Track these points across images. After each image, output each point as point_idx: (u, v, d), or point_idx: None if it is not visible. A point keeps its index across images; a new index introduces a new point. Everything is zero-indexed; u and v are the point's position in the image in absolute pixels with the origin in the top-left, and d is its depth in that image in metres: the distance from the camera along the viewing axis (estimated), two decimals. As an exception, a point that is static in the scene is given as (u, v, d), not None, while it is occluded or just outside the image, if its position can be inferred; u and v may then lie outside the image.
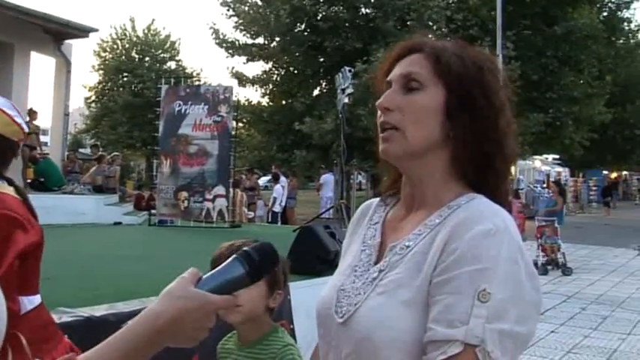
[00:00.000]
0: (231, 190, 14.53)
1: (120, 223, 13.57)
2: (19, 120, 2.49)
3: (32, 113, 16.20)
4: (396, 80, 1.35)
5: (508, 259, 1.15)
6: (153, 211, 14.05)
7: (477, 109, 1.29)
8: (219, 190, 14.21)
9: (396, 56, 1.39)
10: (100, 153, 18.37)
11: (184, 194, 14.11)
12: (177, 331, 1.08)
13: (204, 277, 1.14)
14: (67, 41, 17.19)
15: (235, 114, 14.71)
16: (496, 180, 1.33)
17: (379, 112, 1.36)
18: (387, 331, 1.20)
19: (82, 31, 17.34)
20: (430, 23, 22.19)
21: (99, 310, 4.54)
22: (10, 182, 2.56)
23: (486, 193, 1.31)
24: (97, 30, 17.80)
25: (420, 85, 1.32)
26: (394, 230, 1.39)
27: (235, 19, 24.61)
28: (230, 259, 1.16)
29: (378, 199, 1.55)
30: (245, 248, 1.18)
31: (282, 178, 19.45)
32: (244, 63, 25.60)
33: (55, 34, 16.43)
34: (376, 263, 1.35)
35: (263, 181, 20.77)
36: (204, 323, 1.11)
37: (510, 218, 1.25)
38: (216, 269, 1.15)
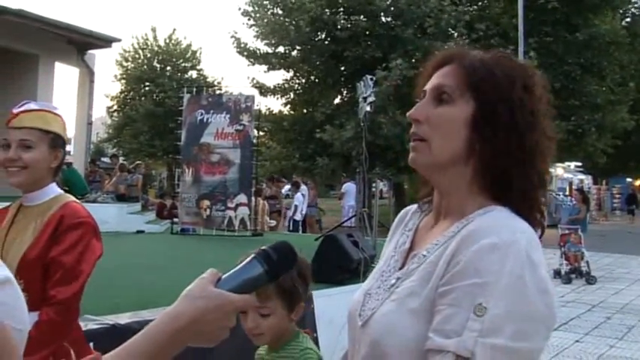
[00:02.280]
0: (252, 198, 14.60)
1: (142, 231, 13.67)
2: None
3: (58, 123, 16.34)
4: (429, 91, 1.36)
5: (511, 273, 1.14)
6: (175, 220, 14.13)
7: (500, 124, 1.28)
8: (241, 198, 14.26)
9: (434, 65, 1.41)
10: (120, 162, 18.51)
11: (206, 203, 14.19)
12: (197, 331, 1.09)
13: (224, 276, 1.15)
14: (91, 51, 17.40)
15: (257, 123, 14.78)
16: (520, 194, 1.31)
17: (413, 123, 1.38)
18: (395, 338, 1.24)
19: (105, 41, 17.54)
20: (450, 30, 22.16)
21: (123, 318, 4.59)
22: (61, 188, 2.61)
23: (511, 206, 1.30)
24: (119, 40, 17.99)
25: (449, 97, 1.32)
26: (422, 238, 1.42)
27: (256, 28, 24.73)
28: (248, 258, 1.17)
29: (416, 205, 1.57)
30: (263, 247, 1.18)
31: (303, 187, 19.47)
32: (265, 72, 25.75)
33: (79, 44, 16.64)
34: (400, 269, 1.38)
35: (285, 190, 20.77)
36: (225, 323, 1.12)
37: (528, 232, 1.23)
38: (235, 269, 1.16)
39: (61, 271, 2.38)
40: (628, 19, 31.08)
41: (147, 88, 36.20)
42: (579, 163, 34.18)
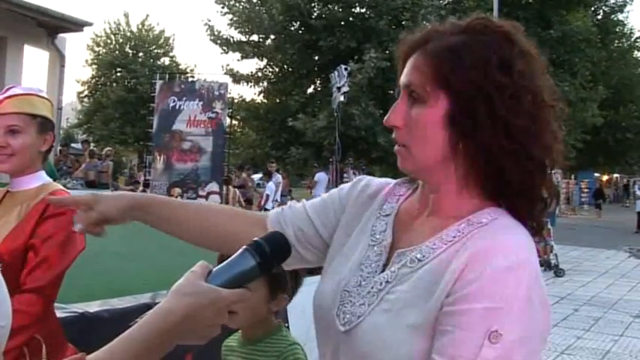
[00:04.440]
0: (224, 187, 14.52)
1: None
2: None
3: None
4: (402, 89, 1.25)
5: (525, 297, 1.08)
6: (146, 207, 13.95)
7: (480, 117, 1.16)
8: (213, 186, 14.21)
9: (402, 56, 1.28)
10: (90, 148, 18.29)
11: (178, 190, 14.11)
12: (188, 329, 1.05)
13: (215, 270, 1.10)
14: (61, 35, 17.10)
15: (230, 110, 14.69)
16: (518, 189, 1.20)
17: None
18: (390, 354, 1.15)
19: (77, 25, 17.26)
20: (425, 23, 22.20)
21: (93, 306, 4.50)
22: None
23: (509, 203, 1.22)
24: (91, 24, 17.74)
25: (419, 96, 1.20)
26: (406, 230, 1.30)
27: (230, 16, 24.56)
28: (240, 250, 1.12)
29: (389, 184, 1.44)
30: (255, 238, 1.13)
31: (277, 176, 19.24)
32: (239, 60, 25.62)
33: (49, 27, 16.35)
34: (384, 266, 1.26)
35: (255, 178, 20.66)
36: (217, 320, 1.07)
37: (530, 241, 1.17)
38: (226, 262, 1.11)
39: (37, 259, 2.31)
40: (599, 17, 31.41)
41: (118, 74, 35.76)
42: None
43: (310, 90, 25.91)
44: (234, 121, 22.44)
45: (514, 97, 1.16)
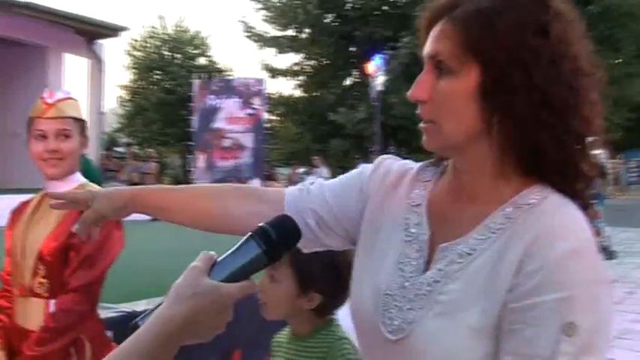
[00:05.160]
0: (266, 182, 14.57)
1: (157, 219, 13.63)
2: None
3: (68, 114, 16.38)
4: (426, 60, 1.13)
5: (594, 281, 1.00)
6: (190, 207, 14.09)
7: (515, 87, 1.05)
8: (255, 182, 14.25)
9: (426, 24, 1.15)
10: (133, 151, 18.53)
11: (220, 188, 14.15)
12: (190, 332, 0.98)
13: (218, 260, 1.00)
14: (99, 41, 17.34)
15: (268, 106, 14.72)
16: (559, 169, 1.10)
17: None
18: None
19: (113, 31, 17.49)
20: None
21: (140, 306, 4.55)
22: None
23: (550, 182, 1.10)
24: (127, 29, 17.94)
25: (448, 67, 1.09)
26: (443, 221, 1.17)
27: (264, 12, 24.61)
28: (244, 237, 1.03)
29: (414, 165, 1.32)
30: (261, 224, 1.02)
31: (323, 169, 18.80)
32: (275, 55, 25.68)
33: (87, 34, 16.58)
34: (427, 264, 1.14)
35: (300, 172, 20.64)
36: (220, 319, 0.99)
37: (584, 219, 1.07)
38: (230, 251, 1.02)
39: (79, 258, 2.33)
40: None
41: (157, 77, 36.15)
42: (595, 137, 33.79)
43: (347, 82, 25.84)
44: (273, 117, 22.51)
45: (552, 63, 1.06)
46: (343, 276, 2.01)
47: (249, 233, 1.01)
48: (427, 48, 1.13)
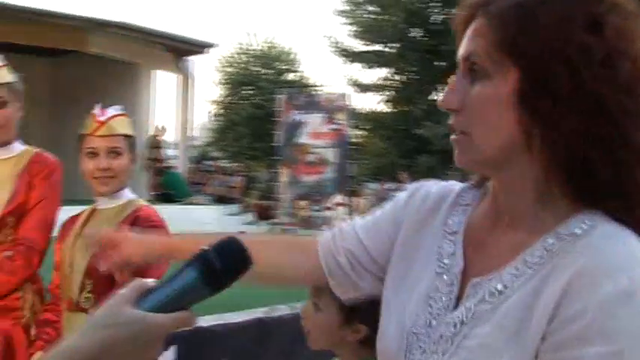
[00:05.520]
0: (350, 198, 14.52)
1: (244, 232, 13.79)
2: None
3: (160, 130, 16.88)
4: (459, 63, 0.99)
5: None
6: (274, 221, 14.23)
7: (561, 92, 0.89)
8: (338, 198, 14.21)
9: (461, 21, 1.02)
10: (220, 164, 18.85)
11: (304, 203, 14.23)
12: None
13: (152, 288, 0.88)
14: (188, 57, 17.79)
15: (353, 121, 14.68)
16: (615, 192, 0.92)
17: None
18: None
19: (202, 47, 17.89)
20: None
21: (208, 321, 4.55)
22: None
23: (602, 206, 0.93)
24: (215, 45, 18.30)
25: (482, 69, 0.95)
26: (480, 250, 1.03)
27: (351, 27, 24.75)
28: (184, 263, 0.90)
29: (456, 187, 1.16)
30: (203, 247, 0.88)
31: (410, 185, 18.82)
32: (360, 70, 25.75)
33: (177, 51, 17.04)
34: (458, 300, 1.01)
35: (387, 187, 20.53)
36: (147, 352, 0.85)
37: None
38: (166, 277, 0.89)
39: (128, 274, 2.32)
40: None
41: (247, 92, 36.82)
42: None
43: (434, 96, 25.64)
44: (359, 132, 22.50)
45: (606, 63, 0.88)
46: None
47: (189, 258, 0.88)
48: (461, 50, 0.99)
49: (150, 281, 0.88)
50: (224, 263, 0.87)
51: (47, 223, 2.62)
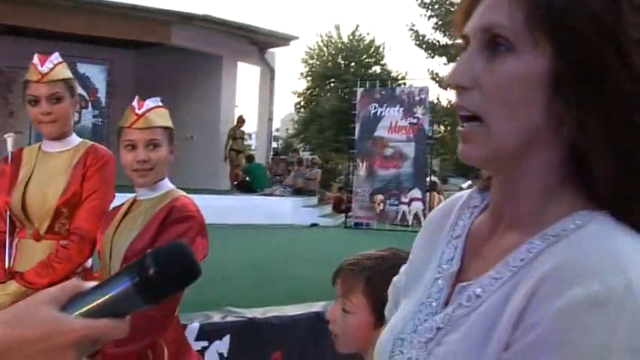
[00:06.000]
0: (427, 193, 14.36)
1: (316, 224, 13.88)
2: None
3: (241, 121, 17.17)
4: (473, 36, 0.85)
5: (627, 350, 0.70)
6: (350, 214, 14.24)
7: (610, 76, 0.78)
8: (416, 193, 14.08)
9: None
10: (299, 156, 19.00)
11: (380, 197, 14.17)
12: None
13: (85, 291, 0.81)
14: (271, 50, 17.99)
15: (432, 115, 14.50)
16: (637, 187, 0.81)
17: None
18: None
19: (285, 40, 18.08)
20: None
21: (264, 313, 4.60)
22: None
23: (620, 208, 0.82)
24: (297, 38, 18.45)
25: (508, 44, 0.82)
26: (477, 254, 0.95)
27: (435, 19, 24.40)
28: (121, 268, 0.84)
29: (466, 192, 1.07)
30: (146, 252, 0.81)
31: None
32: (445, 64, 25.32)
33: (259, 44, 17.27)
34: (445, 305, 0.94)
35: (464, 185, 20.21)
36: (54, 358, 0.77)
37: None
38: (101, 282, 0.82)
39: None
40: None
41: (332, 85, 36.92)
42: None
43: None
44: (439, 126, 22.17)
45: None
46: None
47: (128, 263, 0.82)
48: (478, 20, 0.85)
49: (86, 284, 0.82)
50: (161, 272, 0.78)
51: (99, 214, 2.71)
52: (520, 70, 0.81)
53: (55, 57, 2.82)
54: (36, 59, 2.78)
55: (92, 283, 0.83)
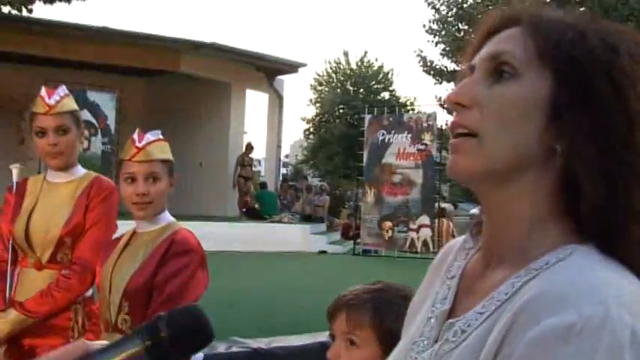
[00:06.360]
0: (436, 219, 14.31)
1: (325, 252, 13.84)
2: None
3: (249, 148, 17.24)
4: (480, 64, 0.91)
5: None
6: (358, 241, 14.21)
7: (603, 109, 0.83)
8: (424, 219, 14.05)
9: (485, 32, 0.95)
10: (307, 183, 19.02)
11: (388, 224, 14.14)
12: None
13: (95, 351, 0.80)
14: (279, 77, 18.10)
15: (440, 141, 14.53)
16: (628, 221, 0.83)
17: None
18: None
19: (292, 67, 18.19)
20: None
21: (271, 342, 4.58)
22: None
23: (607, 240, 0.83)
24: (305, 65, 18.56)
25: (513, 70, 0.86)
26: (468, 292, 0.96)
27: (442, 45, 24.46)
28: (135, 328, 0.83)
29: (462, 237, 1.08)
30: (160, 314, 0.80)
31: None
32: (451, 90, 25.35)
33: (268, 71, 17.39)
34: (436, 342, 0.95)
35: (474, 211, 20.10)
36: None
37: (629, 291, 0.76)
38: (111, 343, 0.82)
39: (161, 297, 2.36)
40: None
41: (341, 111, 37.04)
42: None
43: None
44: (447, 153, 22.11)
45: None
46: None
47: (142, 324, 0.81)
48: (488, 49, 0.91)
49: (96, 344, 0.81)
50: (174, 335, 0.78)
51: (101, 245, 2.71)
52: (521, 93, 0.85)
53: (62, 89, 2.85)
54: (43, 91, 2.81)
55: (99, 344, 0.81)
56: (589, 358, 0.69)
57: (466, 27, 24.39)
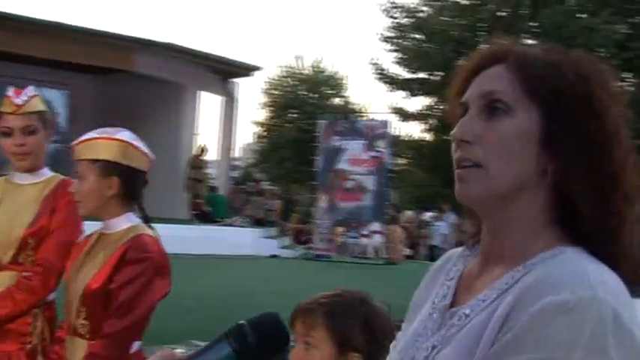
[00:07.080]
0: (387, 226, 14.44)
1: (276, 256, 13.81)
2: (145, 150, 2.51)
3: (202, 150, 17.08)
4: (473, 102, 1.04)
5: (590, 347, 0.83)
6: (310, 245, 14.22)
7: (585, 134, 0.98)
8: (376, 226, 14.15)
9: (472, 69, 1.08)
10: (258, 187, 18.96)
11: (341, 229, 14.20)
12: None
13: (186, 357, 0.89)
14: (233, 80, 17.98)
15: (394, 149, 14.66)
16: (613, 228, 0.98)
17: (454, 146, 1.05)
18: None
19: (247, 70, 18.09)
20: (599, 50, 21.07)
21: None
22: (144, 215, 2.56)
23: (590, 245, 0.98)
24: (260, 68, 18.52)
25: (506, 107, 1.00)
26: (466, 290, 1.09)
27: (396, 54, 24.74)
28: (218, 335, 0.91)
29: (461, 248, 1.22)
30: (241, 322, 0.90)
31: (451, 216, 18.12)
32: (404, 98, 25.62)
33: (222, 73, 17.25)
34: (438, 332, 1.07)
35: (427, 217, 20.27)
36: None
37: (611, 281, 0.92)
38: (200, 348, 0.90)
39: (115, 304, 2.31)
40: None
41: (293, 115, 37.02)
42: None
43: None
44: (400, 160, 22.39)
45: (618, 114, 1.01)
46: (379, 337, 1.90)
47: (225, 331, 0.90)
48: (478, 88, 1.04)
49: (179, 351, 0.89)
50: (259, 339, 0.87)
51: (67, 247, 2.64)
52: (516, 127, 0.99)
53: (30, 90, 2.80)
54: (11, 91, 2.75)
55: (181, 351, 0.92)
56: (579, 328, 0.84)
57: (422, 36, 24.73)
